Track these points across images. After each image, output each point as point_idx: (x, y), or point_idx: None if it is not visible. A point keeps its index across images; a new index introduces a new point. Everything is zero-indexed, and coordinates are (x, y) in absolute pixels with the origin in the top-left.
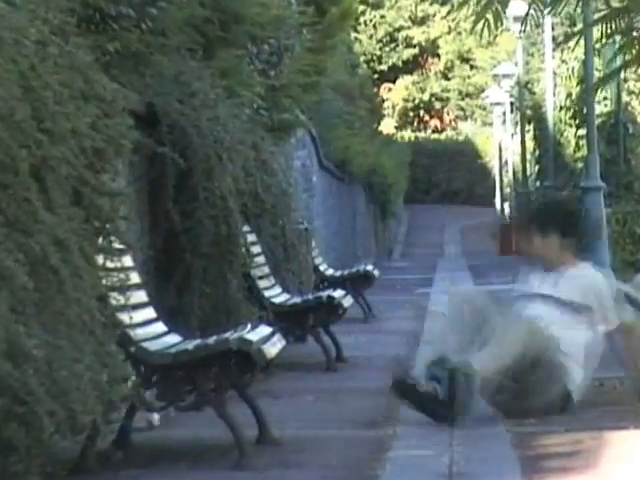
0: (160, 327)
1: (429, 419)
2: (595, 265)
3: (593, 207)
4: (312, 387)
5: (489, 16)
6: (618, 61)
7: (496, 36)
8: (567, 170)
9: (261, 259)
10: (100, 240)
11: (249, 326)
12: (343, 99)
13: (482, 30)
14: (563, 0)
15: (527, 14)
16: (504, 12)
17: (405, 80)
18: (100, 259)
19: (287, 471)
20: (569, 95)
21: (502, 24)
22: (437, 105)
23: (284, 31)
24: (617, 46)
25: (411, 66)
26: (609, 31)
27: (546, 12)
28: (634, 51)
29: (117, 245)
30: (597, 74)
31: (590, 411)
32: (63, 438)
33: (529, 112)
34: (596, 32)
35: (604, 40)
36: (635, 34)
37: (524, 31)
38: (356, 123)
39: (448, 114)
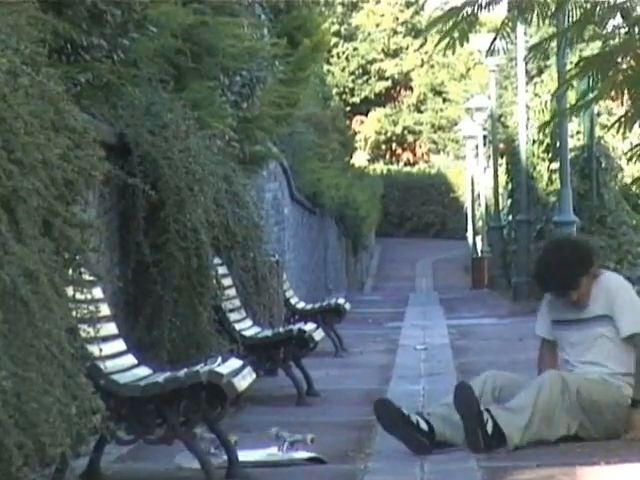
0: (130, 359)
1: (401, 452)
2: None
3: None
4: (283, 421)
5: (455, 35)
6: (590, 95)
7: (469, 69)
8: (540, 204)
9: (232, 292)
10: (70, 272)
11: (219, 359)
12: (315, 131)
13: (445, 49)
14: (540, 49)
15: (494, 40)
16: (470, 32)
17: (377, 113)
18: (70, 291)
19: None
20: (542, 128)
21: (467, 43)
22: (410, 138)
23: (256, 63)
24: (589, 81)
25: (384, 99)
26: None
27: (519, 43)
28: (608, 85)
29: (87, 277)
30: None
31: (561, 446)
32: (32, 470)
33: (502, 145)
34: (569, 65)
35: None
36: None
37: (496, 63)
38: (328, 156)
39: (420, 147)
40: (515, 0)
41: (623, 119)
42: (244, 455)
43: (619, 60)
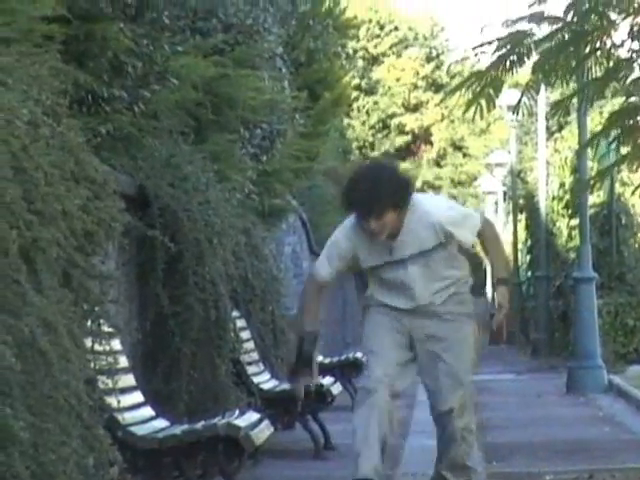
0: (148, 411)
1: None
2: (586, 357)
3: (585, 297)
4: (300, 475)
5: (482, 101)
6: (612, 156)
7: (489, 124)
8: (559, 260)
9: (250, 345)
10: (89, 323)
11: (237, 412)
12: (335, 185)
13: (474, 115)
14: (562, 106)
15: (519, 102)
16: (497, 97)
17: None
18: (88, 342)
19: None
20: (562, 185)
21: (494, 108)
22: (430, 193)
23: (277, 116)
24: (610, 140)
25: (404, 153)
26: (607, 127)
27: (542, 104)
28: (630, 147)
29: (106, 328)
30: (590, 164)
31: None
32: None
33: (521, 201)
34: (590, 122)
35: (599, 135)
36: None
37: (517, 119)
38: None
39: None
40: (539, 63)
41: None
42: None
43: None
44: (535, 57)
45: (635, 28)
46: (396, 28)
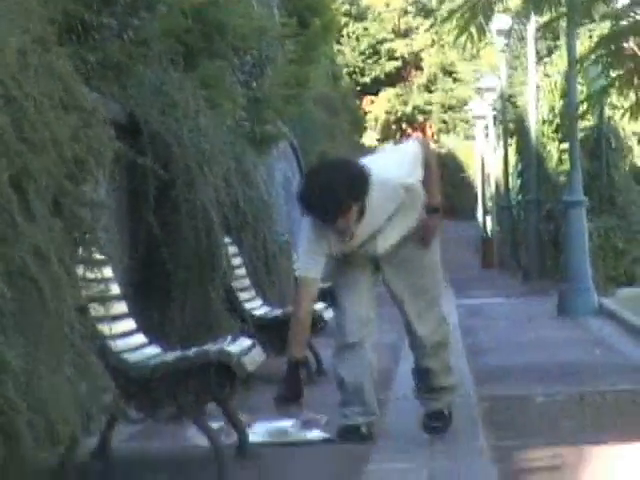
0: (140, 338)
1: (411, 432)
2: (576, 280)
3: (576, 221)
4: None
5: (472, 29)
6: (602, 80)
7: (479, 49)
8: (549, 184)
9: (242, 271)
10: (80, 251)
11: (229, 338)
12: (325, 111)
13: (465, 43)
14: (549, 29)
15: (511, 28)
16: (487, 25)
17: (388, 93)
18: (80, 270)
19: None
20: (552, 109)
21: (485, 37)
22: (420, 118)
23: (266, 42)
24: (600, 66)
25: (394, 79)
26: (595, 49)
27: (532, 28)
28: (620, 71)
29: (97, 256)
30: (580, 88)
31: (570, 424)
32: (42, 449)
33: (512, 125)
34: (580, 46)
35: (588, 56)
36: (623, 54)
37: (508, 45)
38: (338, 135)
39: (430, 127)
40: None
41: (635, 106)
42: (256, 431)
43: (628, 41)
44: None
45: None
46: None
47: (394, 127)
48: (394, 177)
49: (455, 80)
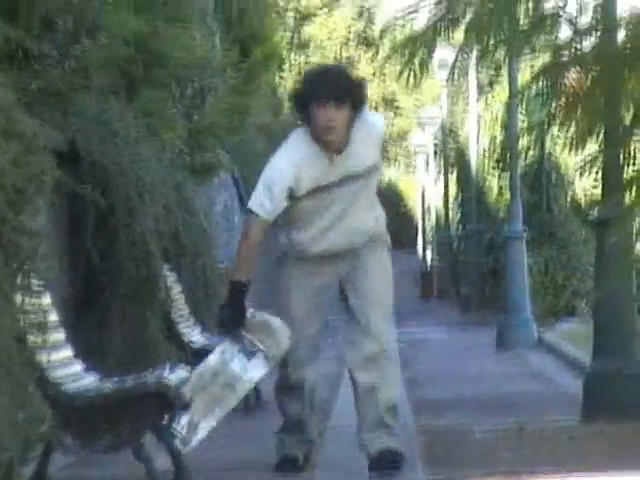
0: (78, 367)
1: (348, 463)
2: (516, 312)
3: (515, 253)
4: (231, 431)
5: (415, 65)
6: (542, 113)
7: (421, 81)
8: (490, 216)
9: (181, 299)
10: (19, 279)
11: (168, 367)
12: (266, 141)
13: (408, 78)
14: (488, 58)
15: (454, 64)
16: (430, 59)
17: None
18: (18, 298)
19: None
20: (493, 140)
21: (428, 71)
22: None
23: (208, 72)
24: (541, 98)
25: None
26: (535, 79)
27: (473, 61)
28: (561, 103)
29: (36, 284)
30: (521, 120)
31: (508, 456)
32: None
33: (453, 157)
34: (521, 78)
35: (528, 87)
36: (564, 86)
37: (452, 79)
38: None
39: None
40: (472, 23)
41: (574, 139)
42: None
43: (569, 72)
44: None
45: None
46: None
47: None
48: (380, 127)
49: (396, 111)
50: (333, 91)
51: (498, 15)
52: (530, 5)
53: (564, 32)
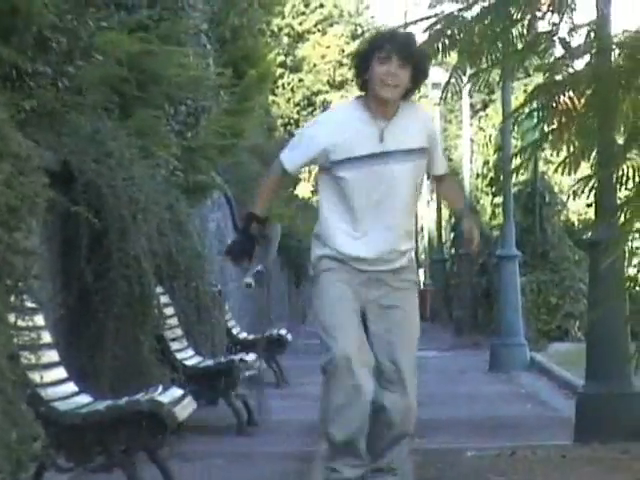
0: (71, 387)
1: None
2: (508, 334)
3: (508, 275)
4: (223, 450)
5: None
6: (535, 134)
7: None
8: (483, 238)
9: (174, 321)
10: (12, 298)
11: (160, 388)
12: (260, 162)
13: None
14: (480, 78)
15: (448, 82)
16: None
17: None
18: (12, 317)
19: None
20: (486, 163)
21: (420, 91)
22: None
23: (201, 92)
24: (535, 119)
25: None
26: (529, 100)
27: (465, 82)
28: (553, 125)
29: (29, 304)
30: (514, 142)
31: (502, 477)
32: None
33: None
34: (515, 101)
35: (522, 109)
36: (557, 106)
37: (444, 99)
38: None
39: None
40: (465, 44)
41: (568, 160)
42: None
43: (562, 94)
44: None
45: (555, 1)
46: (321, 5)
47: None
48: (428, 117)
49: None
50: (398, 47)
51: (492, 37)
52: (523, 27)
53: (557, 53)
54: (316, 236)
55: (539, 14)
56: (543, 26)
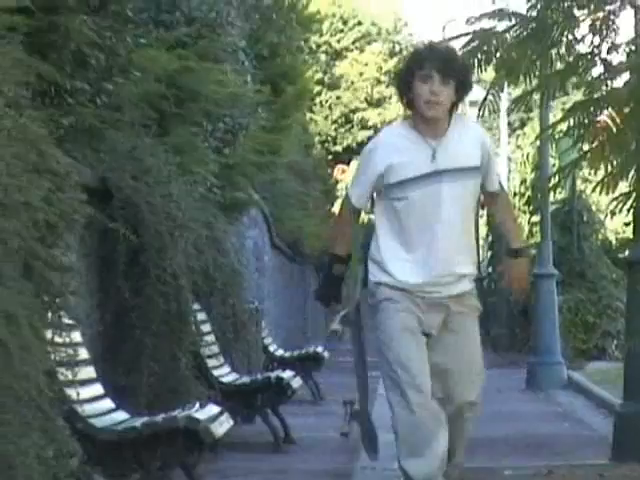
0: (108, 403)
1: None
2: (546, 353)
3: (546, 293)
4: (260, 468)
5: None
6: (573, 153)
7: None
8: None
9: (211, 338)
10: (50, 315)
11: (197, 405)
12: (297, 179)
13: None
14: (522, 101)
15: (484, 100)
16: None
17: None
18: (49, 334)
19: None
20: (523, 181)
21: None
22: None
23: (239, 109)
24: (573, 138)
25: None
26: (567, 120)
27: (504, 100)
28: (591, 144)
29: (66, 320)
30: (552, 161)
31: None
32: None
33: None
34: (553, 119)
35: (559, 127)
36: (594, 126)
37: (482, 116)
38: (310, 203)
39: None
40: (503, 60)
41: (606, 179)
42: None
43: (601, 112)
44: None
45: (596, 23)
46: (359, 23)
47: None
48: (483, 132)
49: None
50: (438, 64)
51: (531, 57)
52: (564, 49)
53: (596, 71)
54: (373, 260)
55: (579, 36)
56: (583, 46)
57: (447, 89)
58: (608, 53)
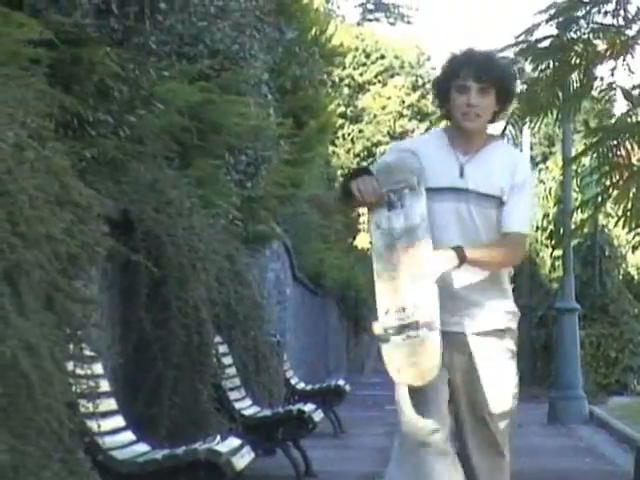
0: (129, 436)
1: None
2: (567, 388)
3: (568, 328)
4: None
5: None
6: (596, 188)
7: None
8: (542, 290)
9: (232, 370)
10: (71, 346)
11: (218, 437)
12: (319, 213)
13: None
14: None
15: (504, 130)
16: None
17: None
18: (70, 365)
19: None
20: (546, 215)
21: None
22: None
23: (262, 142)
24: (595, 174)
25: None
26: (590, 151)
27: (524, 129)
28: (614, 179)
29: (88, 352)
30: (575, 195)
31: None
32: None
33: None
34: (575, 152)
35: (581, 161)
36: (616, 160)
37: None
38: (331, 237)
39: None
40: (525, 93)
41: (629, 214)
42: None
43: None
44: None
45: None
46: (382, 56)
47: None
48: (522, 160)
49: None
50: (476, 73)
51: (549, 81)
52: (581, 76)
53: (620, 103)
54: None
55: (597, 60)
56: (601, 71)
57: (486, 99)
58: (632, 84)
